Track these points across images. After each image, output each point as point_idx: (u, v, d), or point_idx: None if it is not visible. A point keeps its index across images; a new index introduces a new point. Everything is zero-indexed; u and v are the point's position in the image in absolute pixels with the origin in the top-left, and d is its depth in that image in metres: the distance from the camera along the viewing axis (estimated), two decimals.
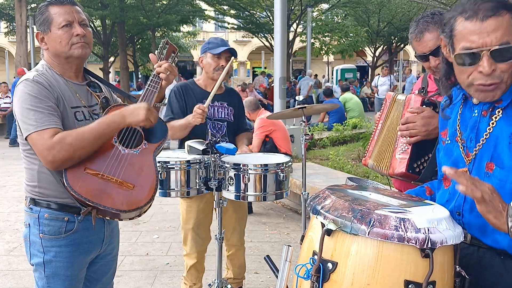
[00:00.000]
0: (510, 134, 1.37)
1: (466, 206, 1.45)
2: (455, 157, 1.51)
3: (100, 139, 1.82)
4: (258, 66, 35.42)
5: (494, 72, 1.33)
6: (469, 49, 1.34)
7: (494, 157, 1.39)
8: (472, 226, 1.45)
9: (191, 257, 3.09)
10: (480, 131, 1.44)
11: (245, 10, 22.65)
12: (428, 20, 2.06)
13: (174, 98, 3.03)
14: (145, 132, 1.97)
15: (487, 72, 1.32)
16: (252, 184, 2.46)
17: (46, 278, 1.92)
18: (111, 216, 1.85)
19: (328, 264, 1.26)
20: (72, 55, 1.91)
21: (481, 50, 1.32)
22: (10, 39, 26.23)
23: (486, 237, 1.42)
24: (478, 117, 1.45)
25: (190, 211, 3.01)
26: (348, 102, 11.25)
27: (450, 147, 1.55)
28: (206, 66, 3.02)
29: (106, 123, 1.83)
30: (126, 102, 2.11)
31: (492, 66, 1.32)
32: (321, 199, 1.38)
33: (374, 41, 24.64)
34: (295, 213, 5.67)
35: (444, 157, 1.58)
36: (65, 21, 1.88)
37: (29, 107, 1.78)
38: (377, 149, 2.22)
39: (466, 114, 1.51)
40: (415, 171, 2.01)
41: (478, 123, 1.45)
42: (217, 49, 2.96)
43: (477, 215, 1.37)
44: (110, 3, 18.90)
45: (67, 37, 1.88)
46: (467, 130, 1.48)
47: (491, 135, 1.41)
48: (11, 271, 3.95)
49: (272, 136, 5.55)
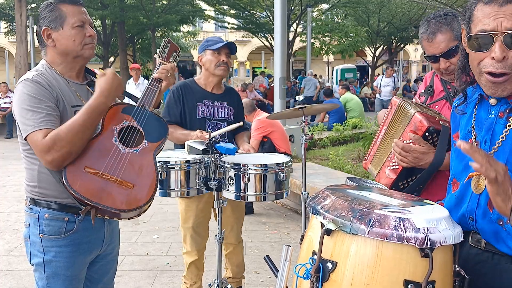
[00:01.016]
0: None
1: (479, 211, 1.40)
2: (468, 159, 1.44)
3: (91, 125, 1.83)
4: (258, 66, 35.41)
5: (505, 60, 1.29)
6: (483, 31, 1.30)
7: (509, 161, 1.33)
8: (486, 232, 1.40)
9: (191, 255, 3.10)
10: (496, 133, 1.39)
11: (245, 10, 22.65)
12: (441, 21, 1.99)
13: (172, 100, 3.03)
14: (145, 131, 1.97)
15: (499, 58, 1.28)
16: (252, 184, 2.46)
17: (46, 278, 1.92)
18: (110, 215, 1.85)
19: (328, 264, 1.26)
20: (82, 55, 1.94)
21: (495, 34, 1.28)
22: (10, 39, 26.23)
23: (501, 244, 1.37)
24: (495, 119, 1.40)
25: (189, 211, 3.01)
26: (348, 102, 11.26)
27: None
28: (207, 63, 3.01)
29: (90, 109, 1.82)
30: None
31: (504, 52, 1.28)
32: (320, 199, 1.38)
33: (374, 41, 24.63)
34: (295, 213, 5.67)
35: (456, 160, 1.53)
36: (79, 21, 1.91)
37: (27, 107, 1.78)
38: (378, 156, 2.22)
39: (481, 115, 1.46)
40: (399, 188, 2.04)
41: (494, 125, 1.39)
42: (216, 45, 2.97)
43: (491, 220, 1.34)
44: (110, 3, 18.90)
45: (81, 37, 1.91)
46: (482, 132, 1.43)
47: (507, 138, 1.35)
48: (11, 271, 3.96)
49: (271, 136, 5.56)
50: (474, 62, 1.37)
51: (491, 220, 1.35)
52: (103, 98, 1.85)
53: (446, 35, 1.98)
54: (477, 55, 1.34)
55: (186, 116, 3.01)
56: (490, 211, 1.35)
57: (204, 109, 3.02)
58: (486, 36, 1.30)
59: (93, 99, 1.85)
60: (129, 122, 1.95)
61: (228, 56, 3.02)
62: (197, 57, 3.14)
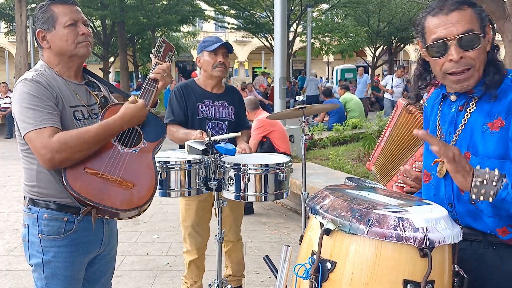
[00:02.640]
0: (483, 123, 1.48)
1: (454, 195, 1.54)
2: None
3: (100, 142, 1.84)
4: (258, 66, 35.41)
5: (463, 60, 1.46)
6: (437, 39, 1.48)
7: (470, 146, 1.50)
8: (464, 214, 1.53)
9: (191, 253, 3.11)
10: (457, 124, 1.56)
11: (245, 10, 22.63)
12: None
13: (174, 99, 3.06)
14: (143, 131, 1.98)
15: (456, 59, 1.45)
16: (252, 184, 2.46)
17: (45, 279, 1.92)
18: (110, 215, 1.85)
19: (327, 263, 1.26)
20: (77, 54, 1.94)
21: (448, 39, 1.46)
22: (10, 39, 26.23)
23: (477, 222, 1.51)
24: (455, 112, 1.57)
25: (189, 209, 3.03)
26: (348, 103, 11.25)
27: None
28: (204, 65, 3.03)
29: (106, 127, 1.85)
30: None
31: (459, 53, 1.45)
32: (319, 199, 1.38)
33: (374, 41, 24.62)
34: (295, 213, 5.67)
35: (426, 152, 1.68)
36: (70, 20, 1.90)
37: (27, 106, 1.78)
38: (382, 160, 2.22)
39: (445, 111, 1.63)
40: None
41: (455, 118, 1.57)
42: (212, 46, 2.98)
43: (464, 202, 1.49)
44: (110, 3, 18.89)
45: (73, 35, 1.91)
46: (446, 125, 1.60)
47: (466, 126, 1.53)
48: (11, 271, 3.96)
49: (270, 136, 5.55)
50: (437, 68, 1.54)
51: (464, 202, 1.51)
52: (122, 122, 1.89)
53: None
54: (437, 61, 1.51)
55: (188, 116, 3.03)
56: (462, 193, 1.51)
57: (205, 109, 3.03)
58: (441, 43, 1.48)
59: (113, 119, 1.88)
60: None
61: (226, 56, 3.03)
62: (196, 58, 3.16)
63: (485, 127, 1.48)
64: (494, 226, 1.46)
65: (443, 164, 1.52)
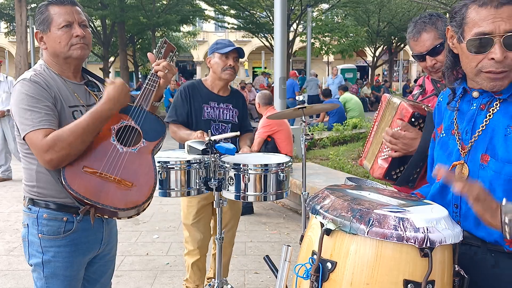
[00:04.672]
0: (507, 126, 1.39)
1: (461, 196, 1.46)
2: (450, 150, 1.53)
3: (94, 130, 1.83)
4: (258, 66, 35.41)
5: (505, 60, 1.34)
6: (482, 34, 1.34)
7: (489, 149, 1.41)
8: (468, 217, 1.46)
9: (192, 254, 3.10)
10: (476, 124, 1.46)
11: (245, 10, 22.65)
12: (425, 21, 2.08)
13: (179, 99, 3.06)
14: (143, 130, 1.97)
15: (499, 59, 1.33)
16: (252, 184, 2.46)
17: (45, 279, 1.92)
18: (109, 214, 1.85)
19: (327, 263, 1.26)
20: (71, 56, 1.92)
21: (494, 36, 1.32)
22: (10, 39, 26.24)
23: (480, 229, 1.43)
24: (476, 110, 1.47)
25: (190, 207, 3.04)
26: (348, 102, 11.26)
27: (446, 140, 1.56)
28: (214, 66, 3.04)
29: (96, 113, 1.83)
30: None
31: (503, 53, 1.32)
32: (320, 198, 1.38)
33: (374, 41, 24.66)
34: (295, 213, 5.67)
35: (440, 150, 1.59)
36: (65, 22, 1.88)
37: (25, 107, 1.78)
38: (371, 150, 2.25)
39: (464, 108, 1.53)
40: (392, 178, 2.07)
41: (475, 116, 1.47)
42: (224, 49, 2.99)
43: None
44: (110, 3, 18.91)
45: (67, 37, 1.89)
46: (464, 123, 1.50)
47: (487, 127, 1.43)
48: (11, 271, 3.95)
49: (275, 136, 5.51)
50: (472, 64, 1.40)
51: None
52: (109, 105, 1.86)
53: (430, 34, 2.06)
54: (476, 57, 1.38)
55: (193, 117, 3.04)
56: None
57: (210, 111, 3.04)
58: (486, 39, 1.34)
59: (99, 105, 1.86)
60: (127, 122, 1.96)
61: (236, 60, 3.05)
62: (206, 59, 3.17)
63: (509, 130, 1.38)
64: (501, 235, 1.38)
65: (462, 167, 1.45)
